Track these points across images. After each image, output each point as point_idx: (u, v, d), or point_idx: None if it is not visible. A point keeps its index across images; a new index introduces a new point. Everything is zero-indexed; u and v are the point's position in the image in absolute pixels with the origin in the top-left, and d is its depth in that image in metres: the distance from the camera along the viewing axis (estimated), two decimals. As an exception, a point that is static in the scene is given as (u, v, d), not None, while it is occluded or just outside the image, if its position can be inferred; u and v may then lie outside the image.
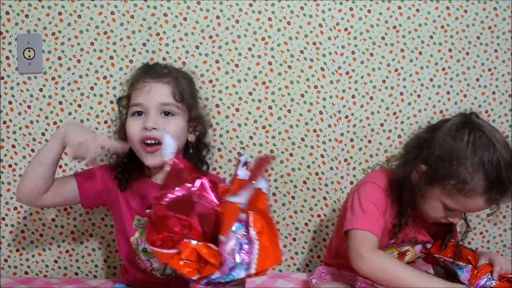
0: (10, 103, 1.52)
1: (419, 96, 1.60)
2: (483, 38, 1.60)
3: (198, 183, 1.00)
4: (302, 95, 1.57)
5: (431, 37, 1.59)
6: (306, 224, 1.60)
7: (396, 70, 1.59)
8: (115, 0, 1.51)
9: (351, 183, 1.59)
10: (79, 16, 1.51)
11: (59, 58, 1.52)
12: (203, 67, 1.54)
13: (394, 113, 1.59)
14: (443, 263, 1.32)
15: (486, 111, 1.62)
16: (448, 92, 1.60)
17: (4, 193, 1.54)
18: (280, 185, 1.58)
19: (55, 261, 1.57)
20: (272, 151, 1.57)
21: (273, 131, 1.57)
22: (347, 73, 1.57)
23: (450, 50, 1.60)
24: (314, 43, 1.56)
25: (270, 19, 1.54)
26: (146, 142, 1.24)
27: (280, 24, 1.55)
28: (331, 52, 1.56)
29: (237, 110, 1.56)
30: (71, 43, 1.52)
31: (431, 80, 1.60)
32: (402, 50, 1.58)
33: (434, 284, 1.12)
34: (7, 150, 1.53)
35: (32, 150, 1.53)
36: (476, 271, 1.25)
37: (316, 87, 1.57)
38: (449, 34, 1.59)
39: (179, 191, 0.98)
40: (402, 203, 1.24)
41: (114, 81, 1.53)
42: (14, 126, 1.53)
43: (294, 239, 1.60)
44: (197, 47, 1.54)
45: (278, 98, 1.56)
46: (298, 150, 1.58)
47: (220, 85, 1.55)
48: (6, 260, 1.56)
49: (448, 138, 1.17)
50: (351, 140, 1.59)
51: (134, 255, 1.31)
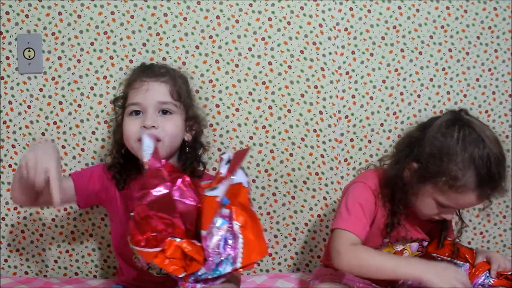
0: (10, 103, 1.52)
1: (419, 96, 1.60)
2: (483, 38, 1.60)
3: (179, 181, 1.01)
4: (302, 95, 1.57)
5: (431, 37, 1.59)
6: (306, 224, 1.60)
7: (396, 70, 1.59)
8: (115, 0, 1.51)
9: (351, 183, 1.59)
10: (79, 16, 1.51)
11: (59, 58, 1.52)
12: (203, 67, 1.54)
13: (394, 113, 1.59)
14: (440, 261, 1.32)
15: (486, 111, 1.62)
16: (448, 92, 1.60)
17: (4, 193, 1.54)
18: (280, 185, 1.58)
19: (55, 261, 1.57)
20: (272, 151, 1.57)
21: (273, 131, 1.57)
22: (347, 73, 1.57)
23: (450, 50, 1.60)
24: (314, 43, 1.56)
25: (270, 19, 1.54)
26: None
27: (280, 24, 1.55)
28: (331, 52, 1.56)
29: (237, 110, 1.56)
30: (71, 43, 1.52)
31: (431, 80, 1.60)
32: (402, 50, 1.58)
33: (414, 265, 1.15)
34: (7, 150, 1.53)
35: (32, 150, 1.53)
36: (474, 269, 1.25)
37: (316, 87, 1.57)
38: (449, 34, 1.59)
39: (159, 191, 0.99)
40: (395, 202, 1.25)
41: (114, 81, 1.53)
42: (14, 126, 1.53)
43: (294, 239, 1.60)
44: (197, 47, 1.54)
45: (278, 98, 1.56)
46: (298, 150, 1.58)
47: (220, 85, 1.55)
48: (6, 260, 1.56)
49: (438, 136, 1.18)
50: (351, 140, 1.59)
51: (131, 254, 1.31)
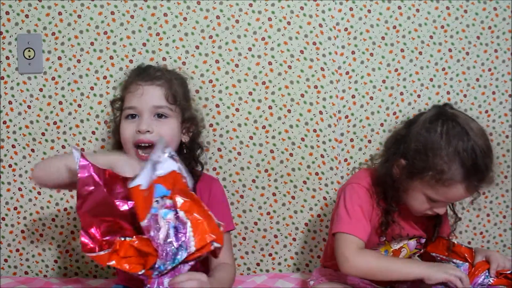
0: (10, 103, 1.52)
1: (419, 96, 1.60)
2: (483, 38, 1.60)
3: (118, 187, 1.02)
4: (302, 95, 1.57)
5: (431, 37, 1.59)
6: (306, 224, 1.60)
7: (396, 70, 1.59)
8: (115, 0, 1.51)
9: (351, 183, 1.59)
10: (79, 16, 1.51)
11: (59, 58, 1.52)
12: (203, 67, 1.54)
13: (394, 113, 1.59)
14: (439, 261, 1.32)
15: (486, 111, 1.62)
16: (448, 92, 1.60)
17: (4, 193, 1.54)
18: (280, 185, 1.58)
19: (55, 261, 1.57)
20: (272, 151, 1.57)
21: (273, 131, 1.57)
22: (347, 73, 1.57)
23: (450, 50, 1.60)
24: (314, 43, 1.56)
25: (270, 19, 1.54)
26: (139, 145, 1.25)
27: (280, 24, 1.55)
28: (331, 52, 1.56)
29: (237, 110, 1.56)
30: (71, 43, 1.52)
31: (431, 80, 1.60)
32: (402, 50, 1.58)
33: (420, 267, 1.18)
34: (7, 150, 1.53)
35: (32, 150, 1.53)
36: (473, 269, 1.25)
37: (316, 87, 1.57)
38: (449, 34, 1.59)
39: (95, 196, 1.00)
40: (387, 200, 1.26)
41: (114, 81, 1.53)
42: (14, 126, 1.53)
43: (294, 239, 1.60)
44: (197, 47, 1.54)
45: (278, 98, 1.56)
46: (298, 150, 1.58)
47: (220, 85, 1.55)
48: (6, 260, 1.56)
49: (423, 131, 1.20)
50: (351, 140, 1.59)
51: None
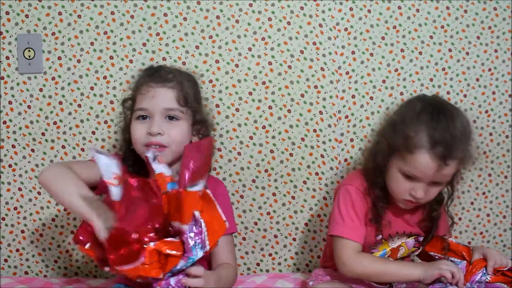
0: (10, 103, 1.52)
1: (419, 96, 1.60)
2: (483, 38, 1.60)
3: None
4: (302, 95, 1.57)
5: (431, 37, 1.59)
6: (306, 224, 1.60)
7: (396, 70, 1.59)
8: (115, 0, 1.51)
9: (351, 183, 1.59)
10: (79, 16, 1.51)
11: (59, 58, 1.52)
12: (203, 67, 1.54)
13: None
14: (437, 260, 1.32)
15: (486, 111, 1.62)
16: (448, 92, 1.60)
17: (4, 193, 1.54)
18: (280, 185, 1.58)
19: (55, 261, 1.57)
20: (272, 151, 1.57)
21: (273, 131, 1.57)
22: (347, 73, 1.57)
23: (450, 50, 1.60)
24: (314, 43, 1.56)
25: (270, 19, 1.54)
26: (150, 147, 1.24)
27: (280, 24, 1.55)
28: (331, 52, 1.56)
29: (237, 110, 1.56)
30: (71, 43, 1.52)
31: (431, 80, 1.60)
32: (402, 50, 1.58)
33: (415, 269, 1.22)
34: (7, 150, 1.53)
35: (32, 150, 1.53)
36: (471, 266, 1.25)
37: (316, 87, 1.57)
38: (449, 34, 1.59)
39: (132, 206, 1.01)
40: (376, 192, 1.29)
41: (114, 81, 1.53)
42: (14, 126, 1.53)
43: (294, 239, 1.60)
44: (197, 47, 1.54)
45: (278, 98, 1.56)
46: (298, 150, 1.58)
47: (220, 85, 1.55)
48: (6, 260, 1.56)
49: (402, 108, 1.29)
50: (351, 140, 1.59)
51: None
